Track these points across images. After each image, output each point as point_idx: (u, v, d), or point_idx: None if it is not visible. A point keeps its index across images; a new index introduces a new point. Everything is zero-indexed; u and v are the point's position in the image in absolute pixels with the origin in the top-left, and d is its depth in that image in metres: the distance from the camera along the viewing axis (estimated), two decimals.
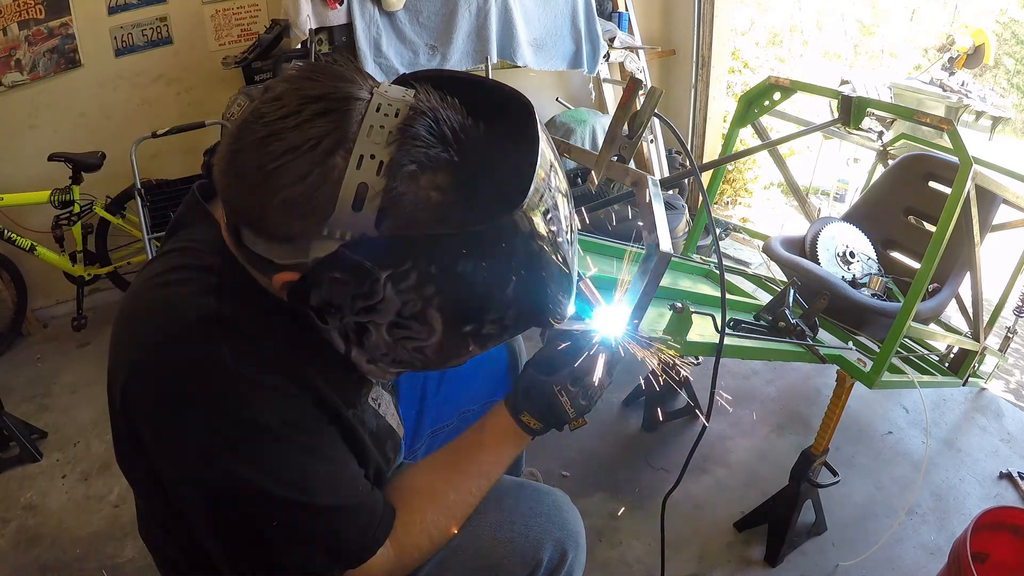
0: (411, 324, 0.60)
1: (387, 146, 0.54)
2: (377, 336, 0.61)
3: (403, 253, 0.55)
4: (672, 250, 0.88)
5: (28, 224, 2.61)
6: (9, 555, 1.62)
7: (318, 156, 0.53)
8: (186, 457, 0.60)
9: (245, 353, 0.60)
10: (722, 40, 3.55)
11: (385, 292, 0.57)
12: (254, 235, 0.59)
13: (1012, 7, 7.77)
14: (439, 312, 0.59)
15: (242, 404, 0.59)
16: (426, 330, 0.61)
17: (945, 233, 1.36)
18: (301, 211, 0.54)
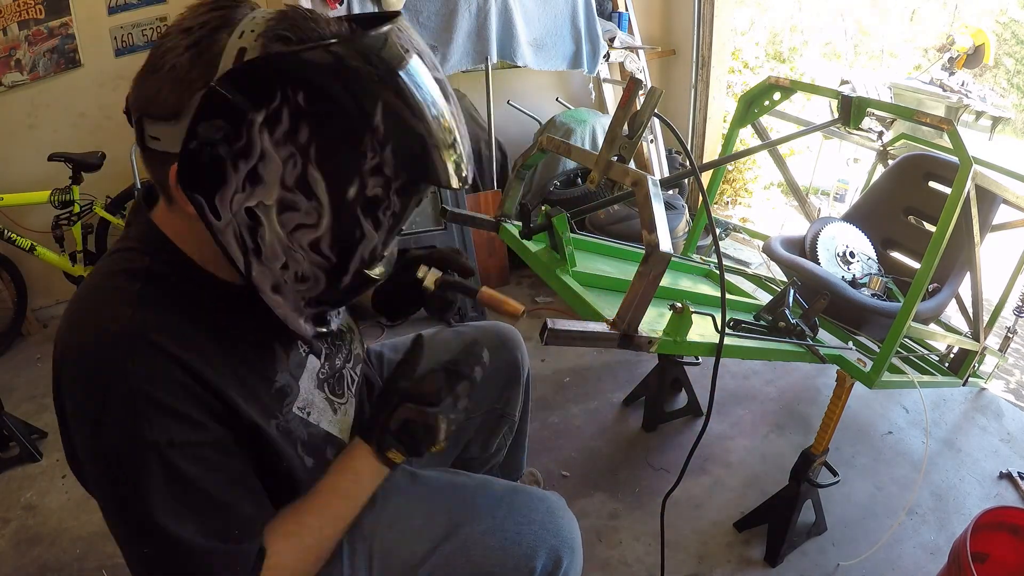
0: (297, 199, 0.60)
1: (266, 22, 0.59)
2: (270, 232, 0.61)
3: (271, 82, 0.56)
4: (672, 250, 0.88)
5: (28, 224, 2.61)
6: (9, 555, 1.62)
7: (205, 32, 0.58)
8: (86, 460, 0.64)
9: (152, 370, 0.61)
10: (722, 40, 3.55)
11: (262, 143, 0.57)
12: (152, 123, 0.61)
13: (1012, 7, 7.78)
14: (319, 171, 0.59)
15: (136, 421, 0.60)
16: (314, 208, 0.61)
17: (945, 233, 1.36)
18: (186, 77, 0.57)
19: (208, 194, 0.59)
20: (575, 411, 2.12)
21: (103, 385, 0.60)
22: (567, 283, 1.09)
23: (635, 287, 0.85)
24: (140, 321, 0.62)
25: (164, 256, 0.68)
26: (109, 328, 0.61)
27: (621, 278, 1.26)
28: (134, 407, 0.60)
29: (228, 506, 0.66)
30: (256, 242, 0.62)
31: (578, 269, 1.17)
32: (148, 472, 0.61)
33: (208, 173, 0.58)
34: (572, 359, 2.40)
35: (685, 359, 2.03)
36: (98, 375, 0.60)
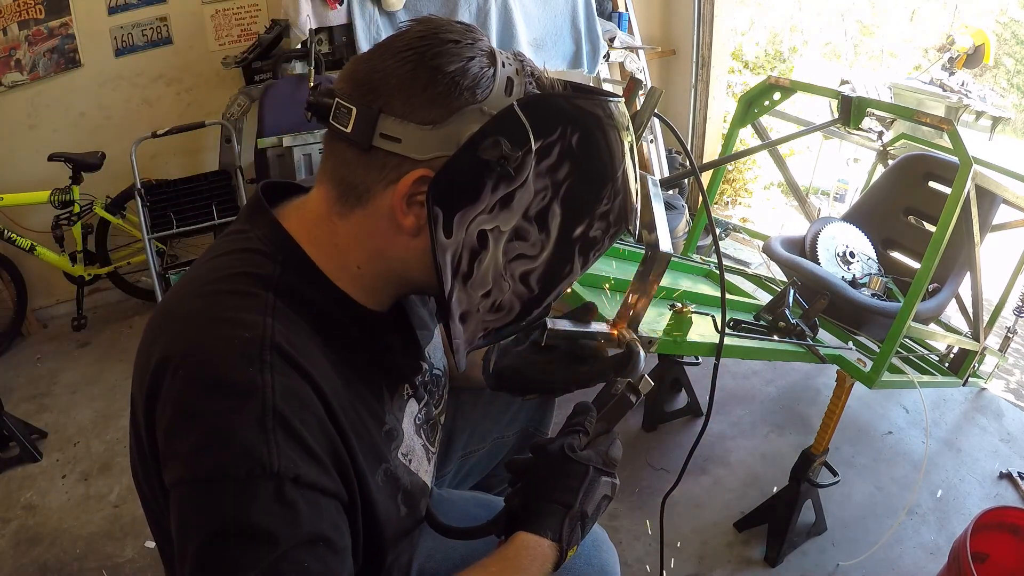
0: (531, 230, 0.61)
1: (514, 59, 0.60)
2: (491, 258, 0.61)
3: (556, 119, 0.59)
4: (672, 250, 0.88)
5: (28, 224, 2.61)
6: (9, 555, 1.62)
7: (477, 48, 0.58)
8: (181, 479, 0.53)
9: (288, 390, 0.53)
10: (722, 40, 3.55)
11: (528, 170, 0.58)
12: (398, 122, 0.56)
13: (1012, 7, 7.78)
14: (561, 206, 0.62)
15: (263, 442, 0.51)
16: (540, 240, 0.62)
17: (945, 233, 1.36)
18: (467, 84, 0.56)
19: (451, 209, 0.57)
20: None
21: (231, 393, 0.52)
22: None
23: (635, 287, 0.85)
24: (280, 331, 0.55)
25: (296, 265, 0.61)
26: (243, 334, 0.54)
27: (621, 278, 1.26)
28: (263, 426, 0.51)
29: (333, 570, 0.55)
30: (471, 266, 0.60)
31: None
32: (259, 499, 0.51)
33: (464, 188, 0.57)
34: None
35: (685, 359, 2.03)
36: (226, 382, 0.52)
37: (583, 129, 0.60)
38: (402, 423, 0.72)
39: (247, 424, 0.51)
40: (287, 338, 0.55)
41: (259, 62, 2.61)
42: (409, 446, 0.73)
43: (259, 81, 2.61)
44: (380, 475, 0.65)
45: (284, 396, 0.53)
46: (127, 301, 2.92)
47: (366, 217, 0.60)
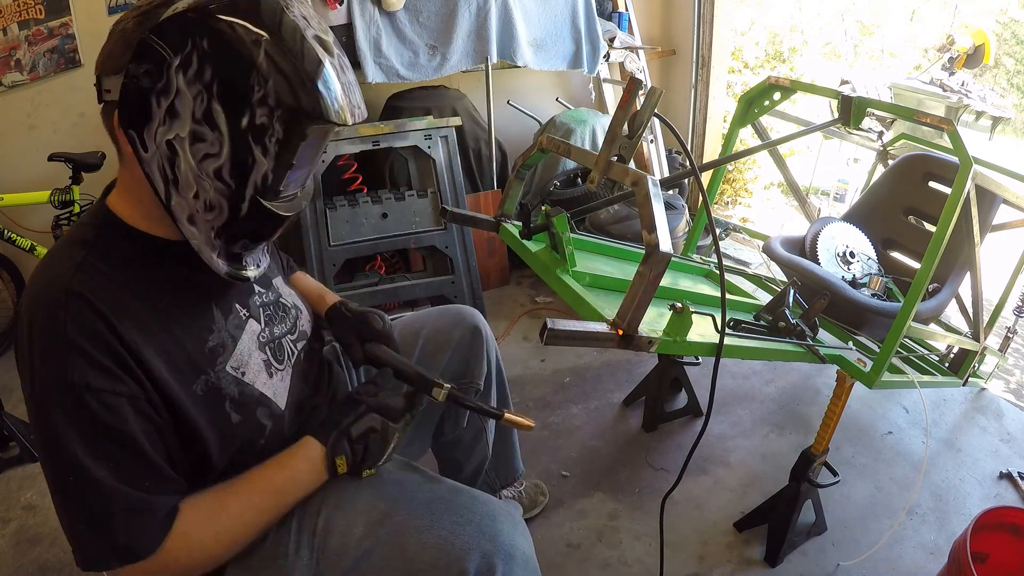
0: (204, 131, 0.71)
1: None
2: (185, 163, 0.72)
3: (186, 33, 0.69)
4: (672, 250, 0.88)
5: (28, 224, 2.61)
6: (9, 555, 1.62)
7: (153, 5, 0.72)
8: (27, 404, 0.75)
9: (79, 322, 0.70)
10: (722, 40, 3.55)
11: (178, 82, 0.69)
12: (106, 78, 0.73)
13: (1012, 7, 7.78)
14: (220, 104, 0.70)
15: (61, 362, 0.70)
16: (217, 138, 0.72)
17: (945, 233, 1.36)
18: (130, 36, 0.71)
19: (139, 129, 0.72)
20: (575, 411, 2.12)
21: (39, 334, 0.71)
22: (567, 283, 1.09)
23: (635, 287, 0.85)
24: (77, 281, 0.72)
25: (108, 228, 0.79)
26: (51, 285, 0.73)
27: (621, 278, 1.26)
28: (60, 351, 0.70)
29: (141, 456, 0.73)
30: (174, 173, 0.73)
31: (578, 269, 1.17)
32: (68, 411, 0.70)
33: (139, 111, 0.71)
34: (572, 359, 2.40)
35: (685, 359, 2.03)
36: (35, 325, 0.72)
37: (208, 34, 0.69)
38: (238, 340, 0.86)
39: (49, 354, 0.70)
40: (85, 285, 0.72)
41: None
42: (242, 360, 0.86)
43: None
44: (199, 386, 0.79)
45: (75, 328, 0.70)
46: None
47: (123, 159, 0.78)
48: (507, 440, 1.50)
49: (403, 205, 2.61)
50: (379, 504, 0.88)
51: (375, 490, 0.90)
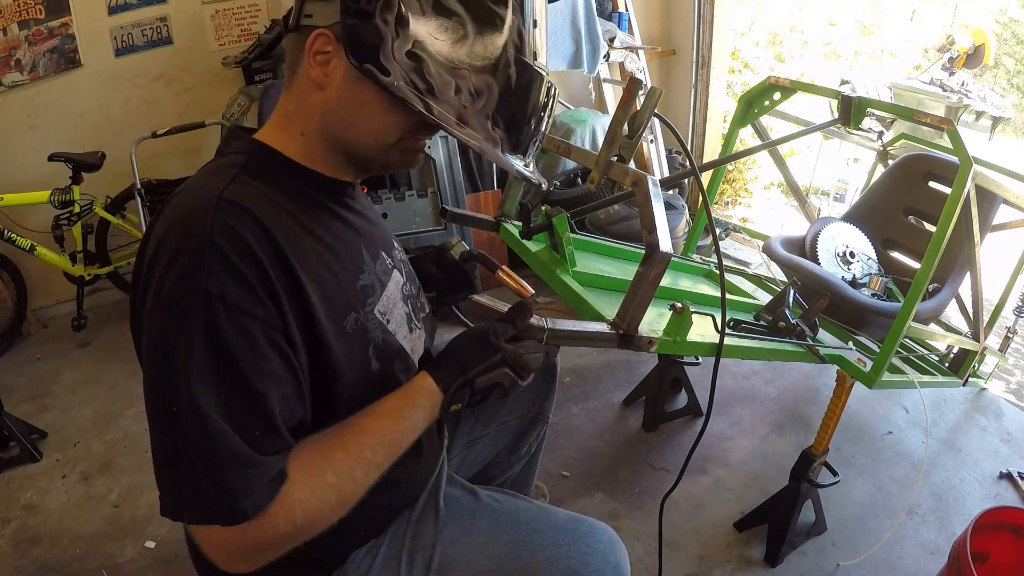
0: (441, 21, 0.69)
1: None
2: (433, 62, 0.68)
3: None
4: (672, 250, 0.88)
5: (28, 224, 2.61)
6: (9, 555, 1.62)
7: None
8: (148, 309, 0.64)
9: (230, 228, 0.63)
10: (722, 40, 3.55)
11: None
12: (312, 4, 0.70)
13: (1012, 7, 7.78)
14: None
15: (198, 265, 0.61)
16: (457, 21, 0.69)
17: (945, 233, 1.36)
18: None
19: (373, 55, 0.66)
20: (575, 411, 2.12)
21: (184, 233, 0.63)
22: (567, 283, 1.09)
23: (635, 287, 0.85)
24: (233, 190, 0.67)
25: (261, 152, 0.75)
26: (204, 192, 0.66)
27: (621, 278, 1.26)
28: (200, 253, 0.62)
29: (257, 397, 0.63)
30: (426, 80, 0.68)
31: (578, 269, 1.17)
32: (191, 321, 0.61)
33: (367, 35, 0.65)
34: (572, 359, 2.40)
35: (685, 359, 2.03)
36: (181, 224, 0.64)
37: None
38: (386, 286, 0.82)
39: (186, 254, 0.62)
40: (240, 194, 0.67)
41: (259, 62, 2.61)
42: (388, 307, 0.81)
43: (259, 81, 2.61)
44: (349, 323, 0.74)
45: (222, 232, 0.63)
46: (127, 301, 2.92)
47: (298, 85, 0.74)
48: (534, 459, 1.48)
49: (403, 205, 2.61)
50: (502, 536, 0.86)
51: (492, 520, 0.89)
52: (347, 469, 0.69)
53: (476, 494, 0.95)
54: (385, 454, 0.73)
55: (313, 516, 0.67)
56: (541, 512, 0.92)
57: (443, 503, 0.92)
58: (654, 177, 0.91)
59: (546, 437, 1.42)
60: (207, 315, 0.61)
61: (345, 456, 0.70)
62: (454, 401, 0.76)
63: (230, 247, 0.62)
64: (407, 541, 0.86)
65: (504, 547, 0.85)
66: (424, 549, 0.85)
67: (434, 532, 0.86)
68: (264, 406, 0.64)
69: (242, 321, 0.62)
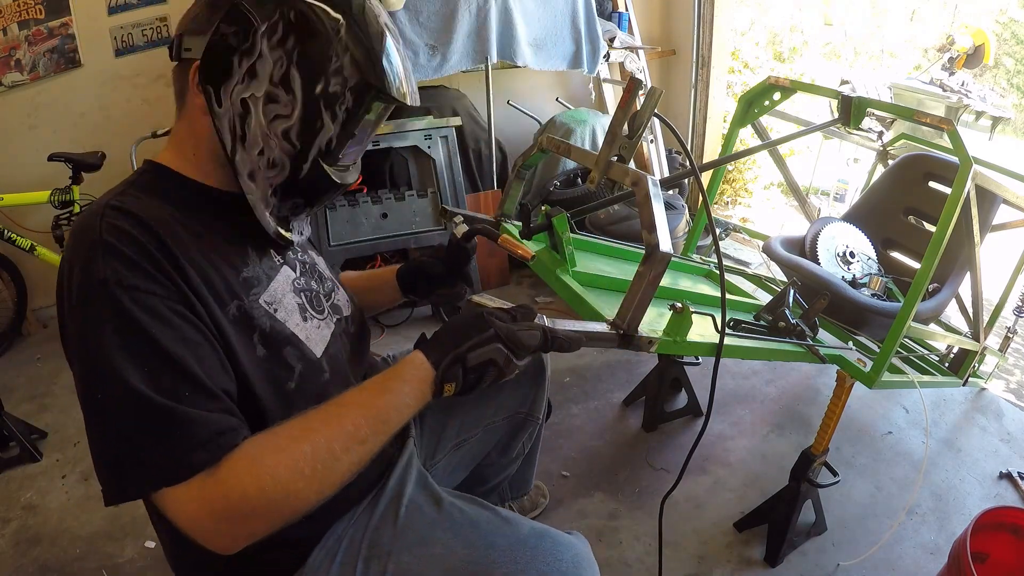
0: (279, 93, 0.76)
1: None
2: (255, 120, 0.77)
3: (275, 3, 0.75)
4: (672, 250, 0.88)
5: (28, 224, 2.61)
6: (9, 555, 1.62)
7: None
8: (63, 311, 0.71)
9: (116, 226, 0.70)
10: (722, 40, 3.55)
11: (262, 46, 0.75)
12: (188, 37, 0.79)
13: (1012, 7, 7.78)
14: (298, 70, 0.76)
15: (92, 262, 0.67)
16: (290, 101, 0.77)
17: (945, 233, 1.36)
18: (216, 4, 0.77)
19: (217, 85, 0.76)
20: (575, 411, 2.12)
21: (77, 243, 0.70)
22: (567, 283, 1.09)
23: (635, 287, 0.85)
24: (118, 200, 0.74)
25: (152, 170, 0.83)
26: (93, 207, 0.74)
27: (621, 278, 1.26)
28: (93, 252, 0.68)
29: (176, 360, 0.66)
30: (243, 129, 0.77)
31: (578, 269, 1.17)
32: (99, 310, 0.66)
33: (220, 68, 0.76)
34: (572, 359, 2.40)
35: (685, 359, 2.03)
36: (75, 237, 0.72)
37: (296, 6, 0.75)
38: (272, 279, 0.85)
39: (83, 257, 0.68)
40: (125, 202, 0.73)
41: None
42: (275, 297, 0.84)
43: None
44: (232, 309, 0.77)
45: (109, 231, 0.69)
46: None
47: (186, 111, 0.83)
48: (531, 458, 1.47)
49: (403, 205, 2.61)
50: (458, 549, 0.84)
51: (451, 532, 0.87)
52: (324, 440, 0.68)
53: (440, 502, 0.92)
54: (370, 429, 0.71)
55: (285, 484, 0.65)
56: (503, 525, 0.88)
57: (405, 509, 0.90)
58: (654, 177, 0.91)
59: (544, 437, 1.42)
60: (111, 300, 0.66)
61: (324, 427, 0.70)
62: (446, 380, 0.74)
63: (116, 240, 0.69)
64: (363, 548, 0.85)
65: (459, 560, 0.82)
66: (379, 557, 0.83)
67: (391, 540, 0.85)
68: (184, 367, 0.67)
69: (143, 299, 0.67)
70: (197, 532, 0.65)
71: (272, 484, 0.65)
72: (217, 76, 0.76)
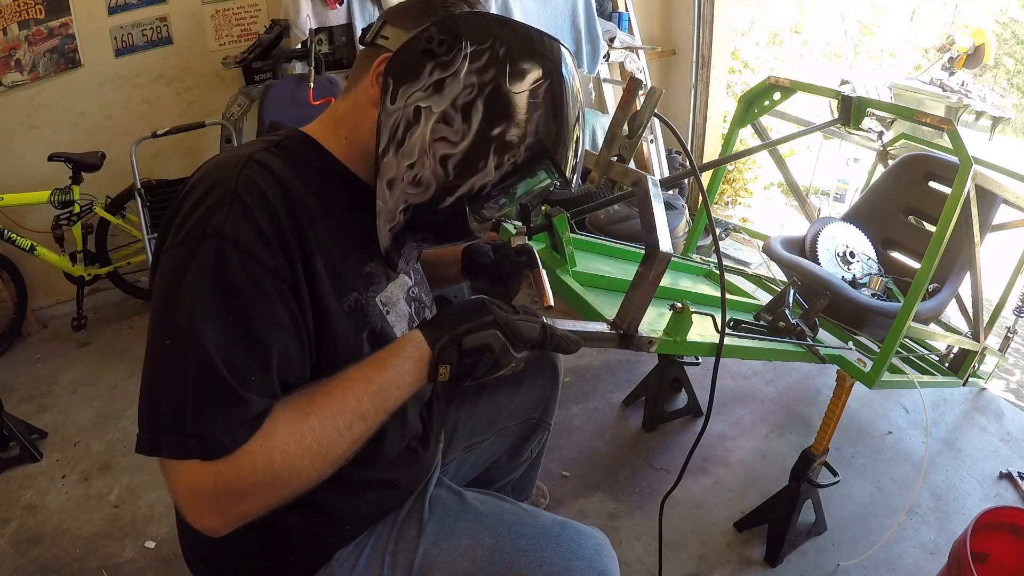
0: (455, 118, 0.73)
1: None
2: (420, 133, 0.73)
3: (488, 32, 0.73)
4: (672, 250, 0.88)
5: (28, 224, 2.61)
6: (9, 555, 1.62)
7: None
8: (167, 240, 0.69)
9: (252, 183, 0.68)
10: (722, 40, 3.55)
11: (459, 66, 0.72)
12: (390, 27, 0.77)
13: (1012, 7, 7.77)
14: (483, 105, 0.73)
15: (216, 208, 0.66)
16: (463, 129, 0.73)
17: (945, 233, 1.36)
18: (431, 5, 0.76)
19: (399, 81, 0.73)
20: (575, 411, 2.12)
21: (211, 183, 0.68)
22: (567, 283, 1.09)
23: (635, 287, 0.85)
24: (262, 155, 0.73)
25: (301, 139, 0.80)
26: (237, 152, 0.73)
27: (621, 278, 1.26)
28: (222, 200, 0.66)
29: (257, 341, 0.65)
30: (405, 136, 0.74)
31: (578, 269, 1.17)
32: (203, 257, 0.63)
33: (409, 67, 0.73)
34: (572, 359, 2.40)
35: (685, 359, 2.03)
36: (210, 175, 0.70)
37: (510, 44, 0.73)
38: (392, 281, 0.84)
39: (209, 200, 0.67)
40: (270, 161, 0.72)
41: (259, 62, 2.61)
42: (390, 300, 0.84)
43: (259, 81, 2.61)
44: (349, 301, 0.77)
45: (245, 185, 0.68)
46: (127, 301, 2.92)
47: (355, 94, 0.80)
48: (536, 463, 1.48)
49: None
50: (484, 539, 0.86)
51: (476, 523, 0.89)
52: (330, 416, 0.68)
53: (462, 496, 0.95)
54: (371, 404, 0.70)
55: (292, 461, 0.65)
56: (527, 516, 0.91)
57: (428, 504, 0.92)
58: (654, 177, 0.91)
59: (544, 455, 1.43)
60: (219, 254, 0.64)
61: (329, 401, 0.69)
62: (442, 360, 0.73)
63: (249, 197, 0.67)
64: (391, 542, 0.86)
65: (486, 550, 0.84)
66: (407, 551, 0.85)
67: (418, 533, 0.86)
68: (263, 349, 0.65)
69: (252, 266, 0.65)
70: (194, 506, 0.63)
71: (281, 461, 0.64)
72: (403, 74, 0.73)
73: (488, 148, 0.74)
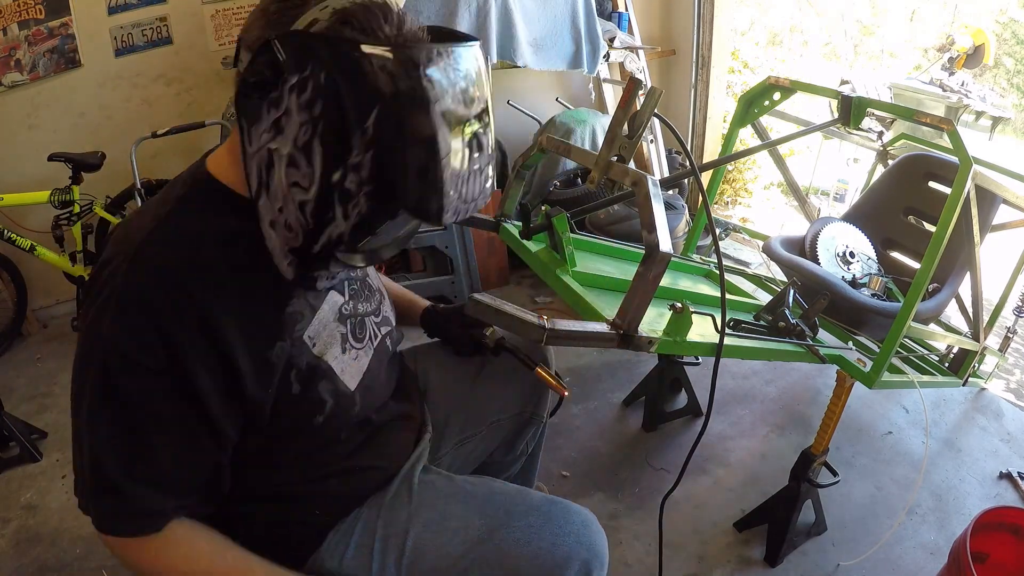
0: (300, 161, 0.65)
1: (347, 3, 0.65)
2: (277, 176, 0.67)
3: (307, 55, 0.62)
4: (672, 250, 0.88)
5: (28, 224, 2.61)
6: (9, 555, 1.62)
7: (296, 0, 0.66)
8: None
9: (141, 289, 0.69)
10: (722, 40, 3.55)
11: (290, 101, 0.63)
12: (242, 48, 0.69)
13: (1012, 7, 7.77)
14: (320, 144, 0.64)
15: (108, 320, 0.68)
16: (309, 173, 0.65)
17: (945, 233, 1.36)
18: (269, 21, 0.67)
19: (249, 121, 0.66)
20: (575, 411, 2.12)
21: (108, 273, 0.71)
22: (567, 283, 1.09)
23: (635, 287, 0.85)
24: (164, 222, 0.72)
25: (201, 186, 0.76)
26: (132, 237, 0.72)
27: (621, 278, 1.26)
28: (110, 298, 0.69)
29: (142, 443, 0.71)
30: (268, 179, 0.68)
31: (578, 269, 1.17)
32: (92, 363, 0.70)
33: (253, 105, 0.65)
34: (572, 359, 2.40)
35: (685, 359, 2.03)
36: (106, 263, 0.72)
37: (329, 68, 0.61)
38: (317, 310, 0.81)
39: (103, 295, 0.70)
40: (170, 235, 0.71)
41: None
42: (317, 331, 0.81)
43: None
44: (276, 351, 0.75)
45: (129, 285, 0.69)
46: None
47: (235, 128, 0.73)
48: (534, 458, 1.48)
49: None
50: (474, 520, 0.87)
51: (465, 504, 0.89)
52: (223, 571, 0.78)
53: (452, 479, 0.96)
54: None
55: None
56: (517, 495, 0.93)
57: (416, 487, 0.92)
58: (654, 177, 0.91)
59: (546, 437, 1.42)
60: (103, 365, 0.69)
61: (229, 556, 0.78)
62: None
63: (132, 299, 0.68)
64: (379, 527, 0.86)
65: (476, 531, 0.85)
66: (397, 535, 0.86)
67: (407, 517, 0.87)
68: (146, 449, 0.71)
69: (132, 370, 0.69)
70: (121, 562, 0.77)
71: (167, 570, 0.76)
72: (249, 114, 0.66)
73: (332, 196, 0.66)
